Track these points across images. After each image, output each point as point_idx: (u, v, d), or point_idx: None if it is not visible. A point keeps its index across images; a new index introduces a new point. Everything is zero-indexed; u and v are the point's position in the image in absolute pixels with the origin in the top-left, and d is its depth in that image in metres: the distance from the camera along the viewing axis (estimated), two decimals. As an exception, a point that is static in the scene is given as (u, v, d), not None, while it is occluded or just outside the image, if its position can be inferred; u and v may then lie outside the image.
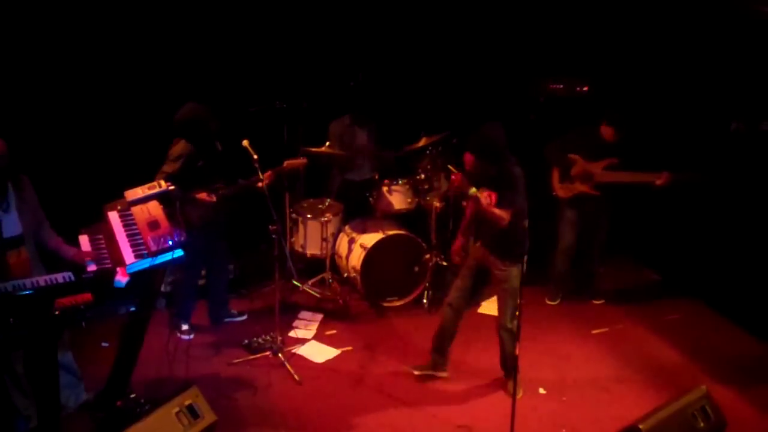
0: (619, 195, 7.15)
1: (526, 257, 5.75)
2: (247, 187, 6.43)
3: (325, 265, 7.73)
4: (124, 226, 5.18)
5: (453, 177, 5.69)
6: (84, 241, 5.19)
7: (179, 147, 6.20)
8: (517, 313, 5.82)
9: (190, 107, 6.23)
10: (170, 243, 4.90)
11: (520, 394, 5.80)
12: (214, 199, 6.31)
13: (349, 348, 6.72)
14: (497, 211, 5.46)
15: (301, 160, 6.88)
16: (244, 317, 7.14)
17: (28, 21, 6.94)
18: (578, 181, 7.11)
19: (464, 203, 6.21)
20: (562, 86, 8.56)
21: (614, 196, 7.14)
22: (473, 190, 5.49)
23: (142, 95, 7.53)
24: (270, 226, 6.17)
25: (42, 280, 4.66)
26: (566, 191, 7.22)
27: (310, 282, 7.83)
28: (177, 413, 4.80)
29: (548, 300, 7.62)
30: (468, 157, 5.59)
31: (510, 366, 5.90)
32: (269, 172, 6.42)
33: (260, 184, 6.31)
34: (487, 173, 5.58)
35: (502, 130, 5.57)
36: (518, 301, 5.81)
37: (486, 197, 5.48)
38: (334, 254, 7.80)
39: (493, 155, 5.54)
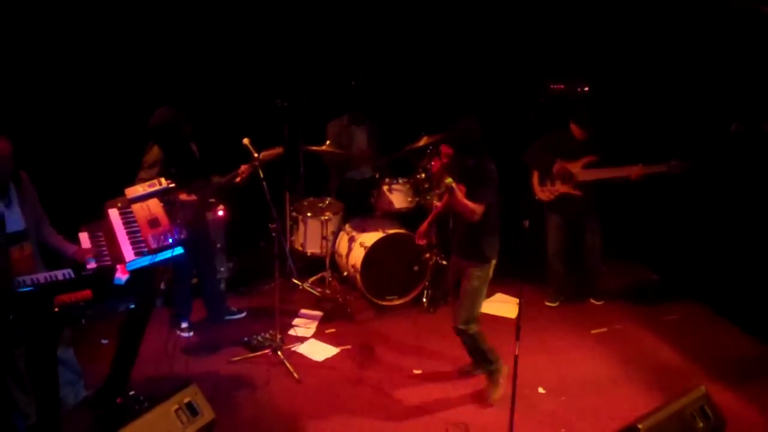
0: (605, 194, 7.18)
1: (494, 262, 5.74)
2: (227, 184, 6.40)
3: (325, 263, 7.73)
4: (125, 223, 5.20)
5: (433, 163, 5.66)
6: (84, 238, 5.20)
7: (153, 153, 6.16)
8: (479, 315, 5.89)
9: (161, 112, 6.16)
10: (170, 240, 4.92)
11: (497, 396, 5.83)
12: (195, 197, 6.28)
13: (349, 346, 6.72)
14: (470, 203, 5.42)
15: (277, 150, 6.77)
16: (243, 314, 7.14)
17: (30, 20, 6.95)
18: (559, 181, 7.14)
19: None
20: (562, 87, 8.55)
21: (598, 195, 7.17)
22: (449, 180, 5.43)
23: (143, 93, 7.53)
24: (270, 225, 6.18)
25: (42, 276, 4.67)
26: (548, 194, 7.26)
27: (309, 280, 7.85)
28: (176, 410, 4.79)
29: (547, 302, 7.62)
30: (445, 149, 5.54)
31: (481, 360, 5.97)
32: (245, 166, 6.35)
33: (237, 179, 6.32)
34: (463, 166, 5.54)
35: (478, 124, 5.54)
36: (478, 310, 5.84)
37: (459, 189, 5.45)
38: (334, 253, 7.80)
39: (470, 148, 5.51)
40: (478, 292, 5.77)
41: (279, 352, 6.39)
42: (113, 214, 5.29)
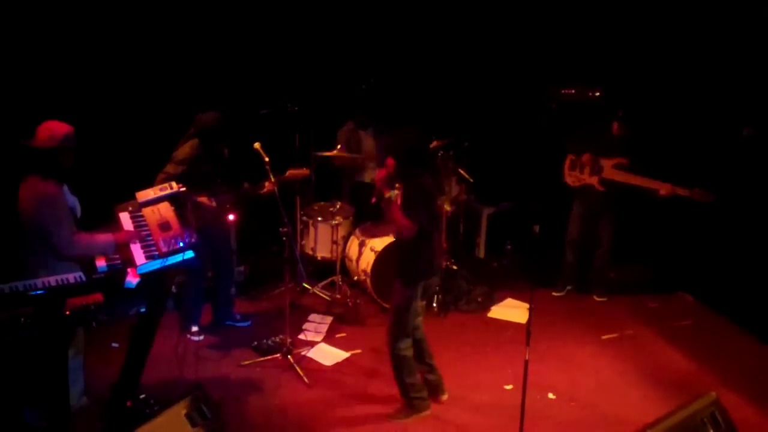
0: (625, 201, 7.32)
1: (422, 284, 5.47)
2: (249, 193, 6.45)
3: (336, 268, 7.74)
4: (135, 227, 5.22)
5: (378, 171, 5.44)
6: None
7: (185, 150, 6.29)
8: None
9: (213, 115, 6.33)
10: (181, 244, 4.93)
11: (411, 419, 5.69)
12: (214, 204, 6.35)
13: (359, 351, 6.72)
14: (404, 220, 5.23)
15: (304, 171, 6.95)
16: (248, 323, 7.11)
17: (39, 23, 6.97)
18: (588, 171, 7.34)
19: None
20: (574, 92, 8.55)
21: (619, 200, 7.32)
22: (394, 192, 5.26)
23: (153, 97, 7.57)
24: (281, 229, 6.19)
25: (53, 280, 4.68)
26: (574, 179, 7.49)
27: (320, 285, 7.86)
28: (186, 414, 4.80)
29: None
30: (388, 160, 5.36)
31: (401, 392, 5.71)
32: (271, 182, 6.43)
33: (263, 191, 6.45)
34: (405, 179, 5.35)
35: (422, 136, 5.43)
36: (407, 328, 5.53)
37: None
38: (344, 257, 7.80)
39: (412, 158, 5.32)
40: (405, 312, 5.49)
41: (289, 356, 6.39)
42: (124, 217, 5.32)
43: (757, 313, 6.97)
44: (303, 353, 6.61)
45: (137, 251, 4.99)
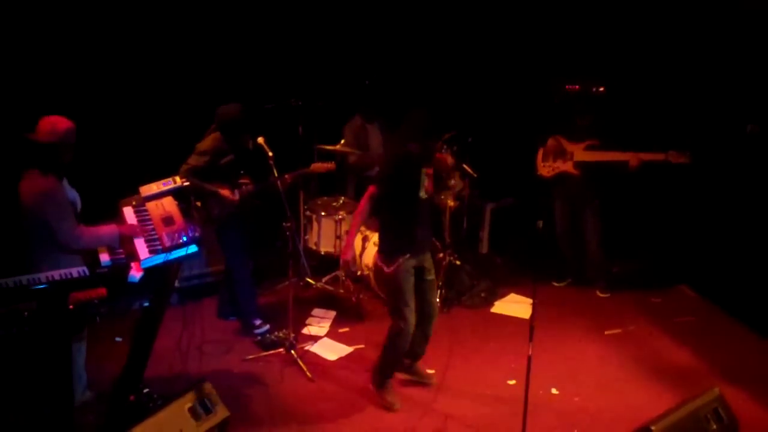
0: (606, 192, 7.45)
1: None
2: (271, 185, 6.42)
3: (339, 262, 7.72)
4: (139, 221, 5.22)
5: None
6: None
7: (208, 142, 6.32)
8: None
9: (236, 108, 6.33)
10: (184, 239, 4.94)
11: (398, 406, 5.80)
12: (237, 197, 6.37)
13: (362, 346, 6.73)
14: None
15: (329, 165, 6.98)
16: (265, 329, 7.05)
17: (42, 19, 6.97)
18: (559, 159, 7.45)
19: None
20: (577, 87, 8.54)
21: (598, 190, 7.42)
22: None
23: (157, 92, 7.57)
24: (284, 224, 6.20)
25: (56, 274, 4.67)
26: (548, 170, 7.58)
27: (323, 279, 7.85)
28: (189, 408, 4.81)
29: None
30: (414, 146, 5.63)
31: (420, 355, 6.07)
32: (290, 175, 6.60)
33: (286, 184, 6.48)
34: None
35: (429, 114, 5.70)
36: None
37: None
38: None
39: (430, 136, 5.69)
40: None
41: (292, 351, 6.40)
42: (128, 212, 5.32)
43: (760, 309, 6.96)
44: (306, 348, 6.62)
45: (141, 245, 4.99)
